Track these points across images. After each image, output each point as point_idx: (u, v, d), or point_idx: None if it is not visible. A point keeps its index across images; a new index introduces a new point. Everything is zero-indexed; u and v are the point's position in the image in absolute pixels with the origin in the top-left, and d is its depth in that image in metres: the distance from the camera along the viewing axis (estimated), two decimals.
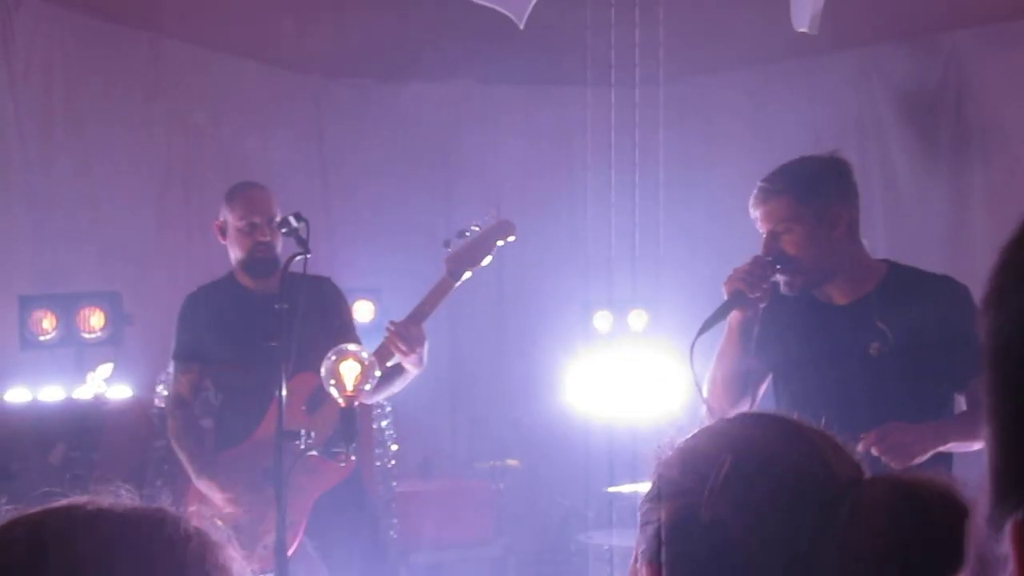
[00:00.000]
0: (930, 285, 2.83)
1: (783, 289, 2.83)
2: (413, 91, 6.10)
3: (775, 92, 5.78)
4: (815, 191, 2.79)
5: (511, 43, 5.32)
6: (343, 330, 3.65)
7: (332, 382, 3.02)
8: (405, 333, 3.37)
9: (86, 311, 4.64)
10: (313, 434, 3.16)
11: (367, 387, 3.04)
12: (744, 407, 2.84)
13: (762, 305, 2.81)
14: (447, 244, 3.48)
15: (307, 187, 5.78)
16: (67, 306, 4.65)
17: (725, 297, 2.78)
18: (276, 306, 3.16)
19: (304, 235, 3.30)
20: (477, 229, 3.50)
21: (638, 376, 4.82)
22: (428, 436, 5.08)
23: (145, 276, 5.24)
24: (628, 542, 3.87)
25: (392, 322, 3.45)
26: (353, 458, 3.57)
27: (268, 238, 3.63)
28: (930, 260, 3.15)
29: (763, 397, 2.94)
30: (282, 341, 3.13)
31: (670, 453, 1.10)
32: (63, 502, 0.96)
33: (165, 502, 1.00)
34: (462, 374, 5.96)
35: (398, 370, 3.51)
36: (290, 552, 3.46)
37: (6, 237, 4.95)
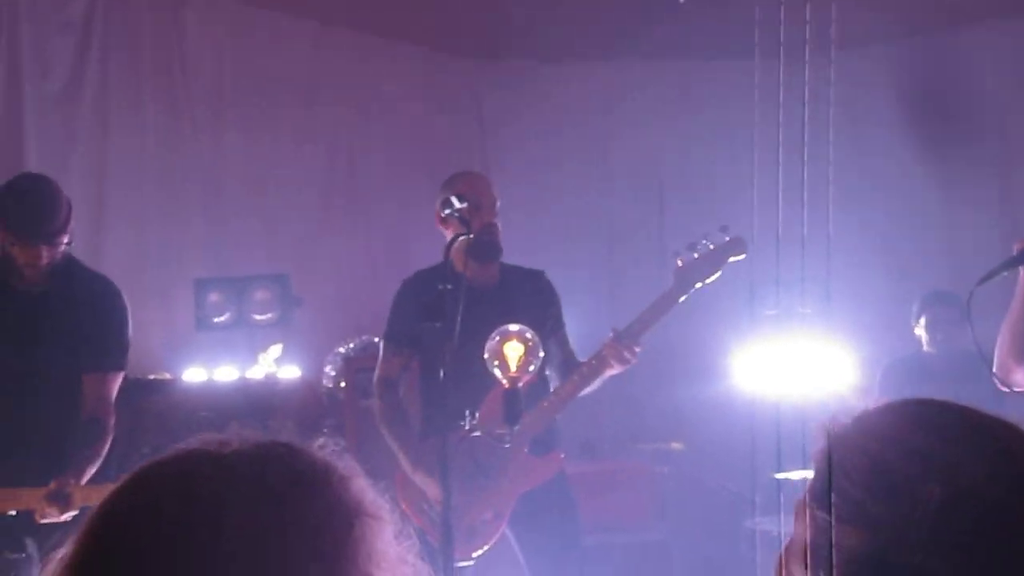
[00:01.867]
0: None
1: None
2: (573, 71, 6.05)
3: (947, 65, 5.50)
4: None
5: (673, 18, 5.22)
6: (554, 329, 3.66)
7: (496, 363, 3.01)
8: (623, 350, 3.43)
9: (257, 293, 4.78)
10: (477, 415, 3.16)
11: (531, 368, 3.03)
12: None
13: None
14: (676, 256, 3.55)
15: (468, 170, 5.81)
16: (239, 288, 4.80)
17: (1013, 254, 2.81)
18: (440, 287, 3.13)
19: (467, 216, 3.30)
20: (707, 244, 3.53)
21: (806, 357, 4.66)
22: (589, 418, 5.03)
23: (312, 258, 5.36)
24: None
25: (615, 331, 3.49)
26: (563, 456, 3.59)
27: (495, 220, 3.63)
28: None
29: None
30: (447, 323, 3.11)
31: (847, 451, 0.93)
32: (194, 445, 0.96)
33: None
34: None
35: (605, 366, 3.52)
36: (491, 543, 3.49)
37: (182, 223, 5.15)
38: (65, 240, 3.34)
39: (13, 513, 3.28)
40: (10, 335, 3.39)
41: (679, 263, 3.56)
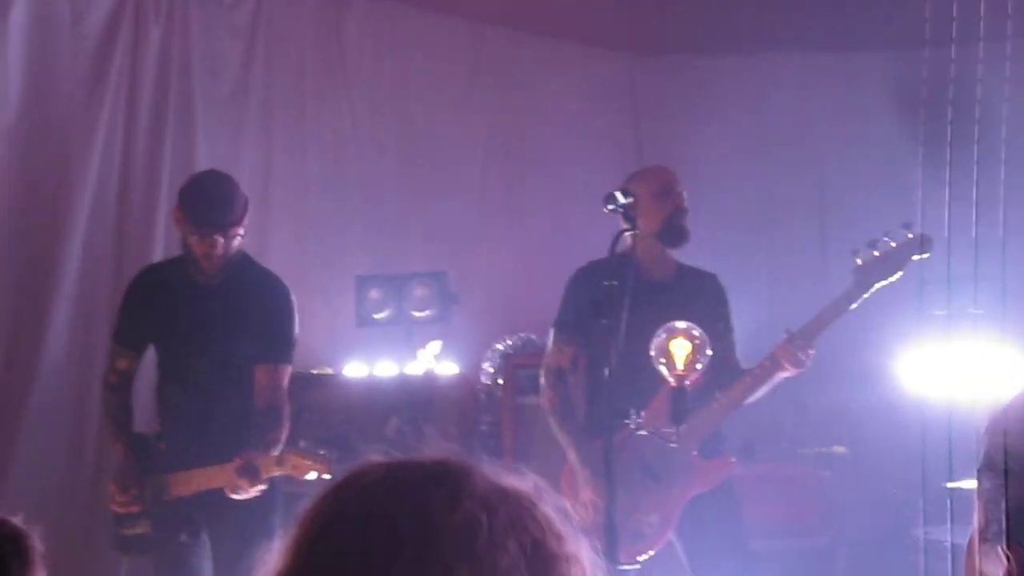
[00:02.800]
0: None
1: None
2: (729, 64, 5.93)
3: None
4: None
5: (831, 11, 5.06)
6: (724, 333, 3.58)
7: (662, 360, 2.95)
8: (797, 351, 3.35)
9: (416, 290, 4.85)
10: (643, 413, 3.11)
11: (699, 367, 2.97)
12: None
13: None
14: (855, 253, 3.43)
15: (621, 165, 5.77)
16: (399, 286, 4.88)
17: None
18: (605, 283, 3.09)
19: (632, 212, 3.28)
20: (890, 242, 3.41)
21: (978, 360, 4.46)
22: (750, 419, 4.92)
23: (469, 257, 5.41)
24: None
25: (789, 332, 3.41)
26: (733, 460, 3.51)
27: (686, 206, 3.62)
28: None
29: None
30: (612, 320, 3.07)
31: (1006, 415, 0.99)
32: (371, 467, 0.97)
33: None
34: None
35: (777, 368, 3.44)
36: (656, 547, 3.44)
37: (343, 221, 5.27)
38: (240, 232, 3.49)
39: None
40: (189, 325, 3.57)
41: (858, 262, 3.42)
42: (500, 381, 4.96)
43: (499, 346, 5.06)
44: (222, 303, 3.55)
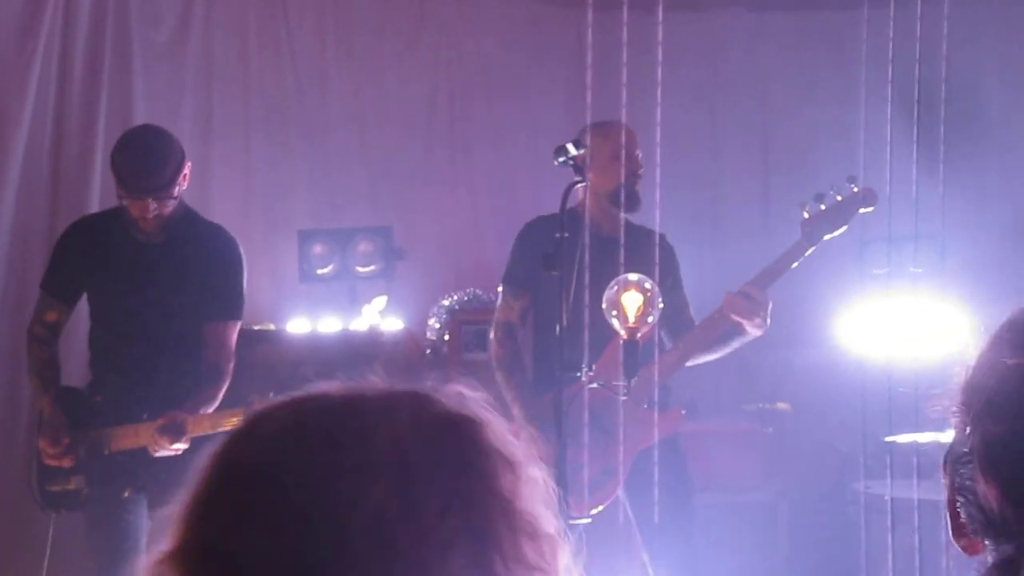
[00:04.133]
0: None
1: None
2: (678, 20, 5.90)
3: None
4: None
5: None
6: (674, 289, 3.59)
7: (614, 313, 2.94)
8: (742, 302, 3.34)
9: (360, 245, 4.80)
10: (594, 366, 3.11)
11: (650, 319, 2.96)
12: None
13: None
14: (802, 207, 3.47)
15: (569, 121, 5.73)
16: (342, 240, 4.82)
17: None
18: (556, 235, 3.07)
19: (582, 163, 3.24)
20: (835, 196, 3.45)
21: (918, 317, 4.52)
22: (694, 377, 4.96)
23: (414, 211, 5.36)
24: (908, 494, 3.65)
25: (729, 294, 3.41)
26: (683, 412, 3.52)
27: (641, 172, 3.61)
28: None
29: None
30: (562, 272, 3.05)
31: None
32: (316, 390, 0.91)
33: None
34: None
35: (737, 331, 3.46)
36: (608, 500, 3.44)
37: (286, 174, 5.19)
38: (173, 194, 3.38)
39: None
40: (131, 284, 3.48)
41: (805, 215, 3.47)
42: (446, 337, 4.93)
43: (445, 302, 5.03)
44: (166, 259, 3.46)
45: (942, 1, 4.26)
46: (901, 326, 4.48)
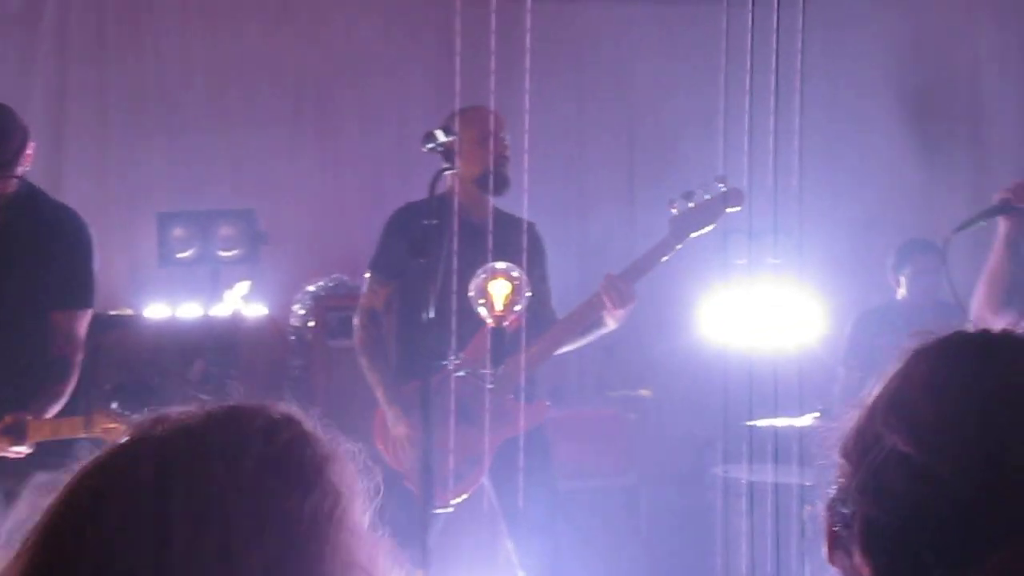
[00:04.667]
0: None
1: None
2: (547, 10, 5.93)
3: (929, 15, 5.46)
4: None
5: None
6: (540, 280, 3.59)
7: (481, 301, 2.94)
8: (619, 289, 3.41)
9: (222, 228, 4.68)
10: (461, 355, 3.10)
11: (517, 308, 2.97)
12: (1006, 318, 2.95)
13: None
14: (671, 204, 3.52)
15: (438, 107, 5.71)
16: (204, 223, 4.70)
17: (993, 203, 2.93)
18: (424, 222, 3.05)
19: (451, 149, 3.25)
20: (704, 195, 3.50)
21: (776, 307, 4.65)
22: (558, 365, 5.01)
23: (279, 193, 5.26)
24: (765, 477, 3.76)
25: (609, 276, 3.47)
26: (549, 404, 3.55)
27: (508, 154, 3.61)
28: None
29: None
30: (432, 260, 3.05)
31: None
32: (176, 415, 0.90)
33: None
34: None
35: (598, 322, 3.51)
36: (471, 490, 3.44)
37: (144, 154, 5.04)
38: (15, 172, 3.21)
39: None
40: None
41: (674, 212, 3.53)
42: (311, 324, 4.86)
43: (310, 288, 4.95)
44: (7, 245, 3.26)
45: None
46: (761, 315, 4.61)
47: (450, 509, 3.38)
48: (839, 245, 5.22)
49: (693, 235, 3.54)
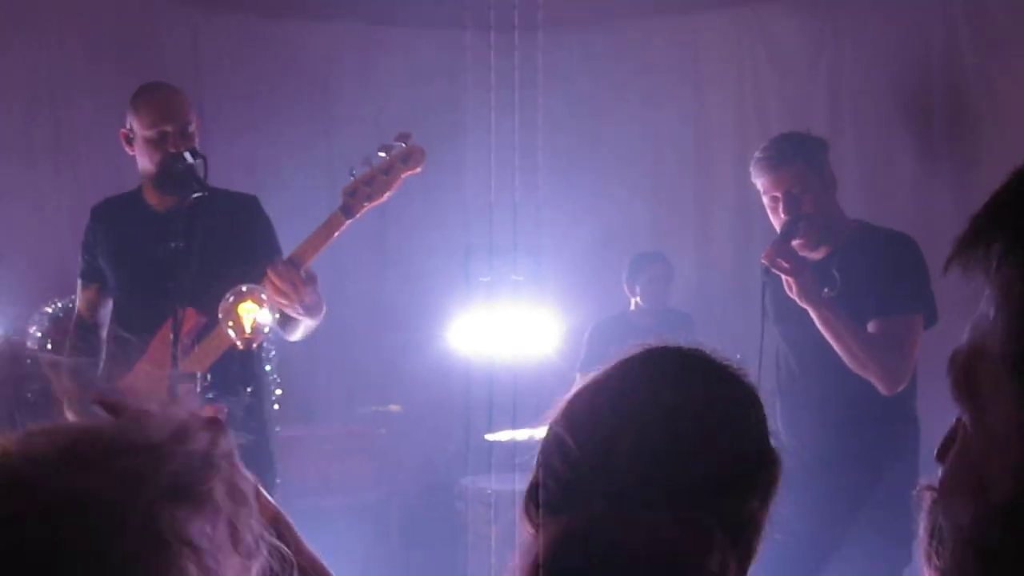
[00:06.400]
0: (882, 238, 3.28)
1: (801, 250, 3.22)
2: (294, 29, 5.96)
3: (657, 46, 5.83)
4: (818, 158, 3.30)
5: None
6: (266, 253, 3.21)
7: (230, 324, 2.90)
8: (282, 280, 2.96)
9: None
10: (210, 377, 3.06)
11: (266, 330, 2.93)
12: (902, 367, 3.26)
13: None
14: (352, 172, 3.07)
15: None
16: None
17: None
18: (172, 244, 3.01)
19: (201, 173, 3.07)
20: (381, 155, 3.08)
21: (517, 322, 4.88)
22: (308, 381, 5.04)
23: (12, 214, 5.04)
24: (507, 486, 3.95)
25: (274, 263, 3.03)
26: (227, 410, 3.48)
27: (181, 149, 3.15)
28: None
29: None
30: (178, 282, 2.99)
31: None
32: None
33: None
34: (341, 318, 5.90)
35: (286, 320, 3.15)
36: None
37: None
38: None
39: None
40: None
41: (352, 178, 3.09)
42: (49, 346, 4.69)
43: (48, 308, 4.77)
44: None
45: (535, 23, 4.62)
46: (503, 331, 4.83)
47: None
48: (578, 259, 5.51)
49: (366, 205, 3.06)
